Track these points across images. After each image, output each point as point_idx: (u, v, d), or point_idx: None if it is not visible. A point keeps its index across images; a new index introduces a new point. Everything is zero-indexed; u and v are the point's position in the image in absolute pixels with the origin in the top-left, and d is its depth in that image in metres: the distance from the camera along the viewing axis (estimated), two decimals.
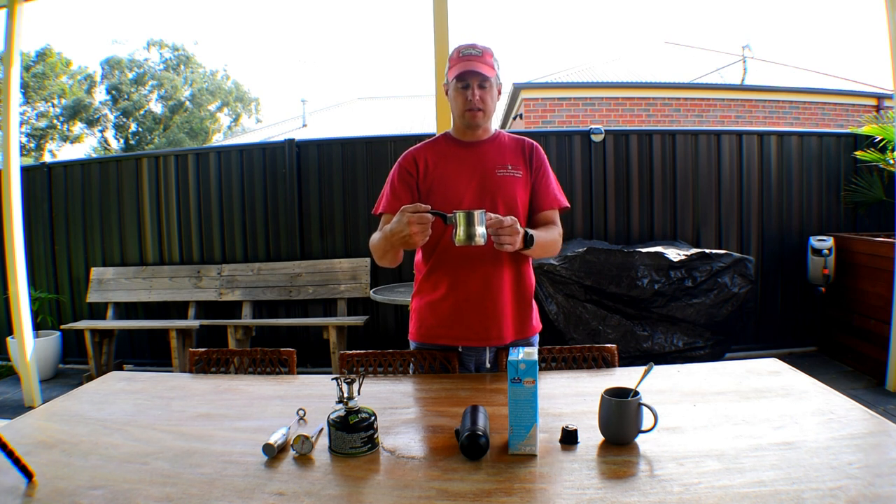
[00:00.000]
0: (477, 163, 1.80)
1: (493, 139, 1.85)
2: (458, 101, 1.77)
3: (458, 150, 1.83)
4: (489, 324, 1.77)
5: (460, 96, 1.75)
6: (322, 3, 75.27)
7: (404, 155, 1.86)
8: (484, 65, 1.71)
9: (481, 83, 1.73)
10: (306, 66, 68.58)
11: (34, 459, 1.19)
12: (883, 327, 3.84)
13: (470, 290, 1.76)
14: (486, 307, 1.76)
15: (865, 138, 4.63)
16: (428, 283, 1.83)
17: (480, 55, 1.73)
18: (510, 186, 1.78)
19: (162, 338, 4.75)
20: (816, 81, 10.93)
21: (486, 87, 1.74)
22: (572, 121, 9.56)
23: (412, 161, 1.82)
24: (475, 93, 1.72)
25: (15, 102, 3.95)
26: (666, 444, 1.22)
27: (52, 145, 25.39)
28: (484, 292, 1.76)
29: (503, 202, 1.76)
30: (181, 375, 1.89)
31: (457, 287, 1.77)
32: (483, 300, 1.76)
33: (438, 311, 1.80)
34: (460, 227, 1.50)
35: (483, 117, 1.77)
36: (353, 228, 4.77)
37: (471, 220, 1.50)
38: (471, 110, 1.74)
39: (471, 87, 1.72)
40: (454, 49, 1.78)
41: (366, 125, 14.26)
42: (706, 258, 3.92)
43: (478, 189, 1.77)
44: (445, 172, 1.79)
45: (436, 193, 1.78)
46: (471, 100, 1.73)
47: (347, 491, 1.10)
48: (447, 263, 1.78)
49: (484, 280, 1.75)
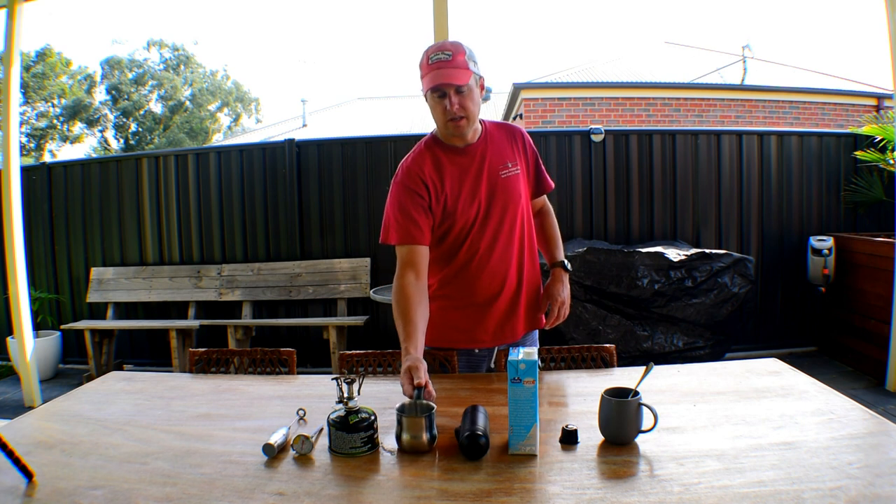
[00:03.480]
0: (481, 170, 1.71)
1: (484, 138, 1.74)
2: (437, 112, 1.63)
3: (456, 159, 1.71)
4: (505, 324, 1.78)
5: (438, 106, 1.61)
6: (322, 3, 75.27)
7: (405, 174, 1.69)
8: (456, 69, 1.57)
9: (458, 89, 1.58)
10: (306, 66, 68.61)
11: (34, 459, 1.19)
12: (883, 327, 3.84)
13: (487, 296, 1.75)
14: (503, 310, 1.76)
15: (865, 138, 4.63)
16: (441, 292, 1.78)
17: (450, 59, 1.57)
18: (515, 187, 1.74)
19: (162, 338, 4.75)
20: (816, 81, 10.92)
21: (465, 92, 1.59)
22: (572, 121, 9.56)
23: (419, 181, 1.67)
24: (453, 101, 1.58)
25: (15, 102, 3.95)
26: (666, 444, 1.22)
27: (52, 145, 25.41)
28: (500, 296, 1.75)
29: (514, 205, 1.73)
30: (181, 375, 1.89)
31: (474, 295, 1.74)
32: (499, 304, 1.76)
33: (454, 318, 1.77)
34: (405, 432, 1.25)
35: (468, 124, 1.64)
36: (353, 228, 4.77)
37: (418, 424, 1.25)
38: (453, 120, 1.61)
39: (447, 95, 1.58)
40: (423, 53, 1.62)
41: (366, 125, 14.27)
42: (706, 258, 3.92)
43: (488, 198, 1.70)
44: (455, 188, 1.69)
45: (454, 213, 1.68)
46: (450, 109, 1.59)
47: (347, 491, 1.10)
48: (463, 275, 1.74)
49: (500, 285, 1.75)
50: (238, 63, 61.86)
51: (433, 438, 1.25)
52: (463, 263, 1.72)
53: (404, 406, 1.30)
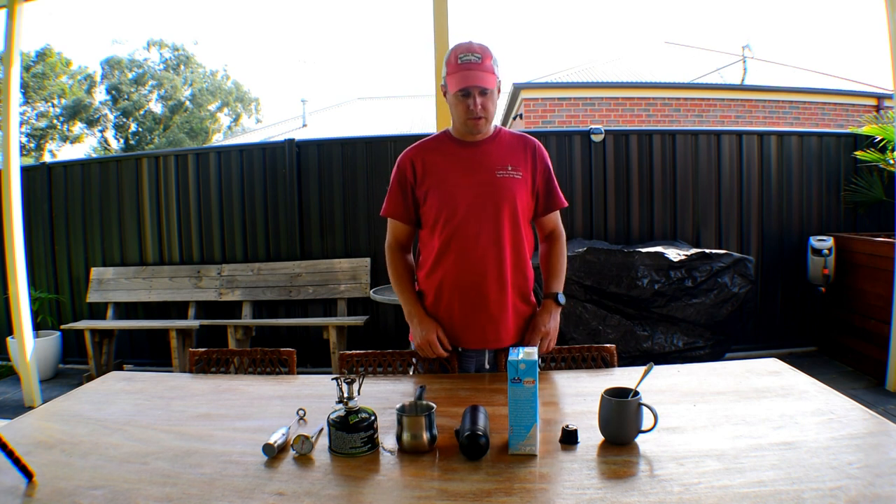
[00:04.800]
0: (477, 164, 1.76)
1: (493, 138, 1.81)
2: (458, 110, 1.72)
3: (457, 150, 1.79)
4: (489, 328, 1.77)
5: (461, 104, 1.70)
6: (322, 3, 75.29)
7: (402, 156, 1.83)
8: (485, 73, 1.66)
9: (483, 91, 1.68)
10: (306, 66, 68.58)
11: (34, 459, 1.19)
12: (883, 327, 3.84)
13: (468, 287, 1.75)
14: (488, 311, 1.76)
15: (865, 138, 4.63)
16: (427, 281, 1.82)
17: (480, 61, 1.66)
18: (510, 188, 1.75)
19: (162, 338, 4.75)
20: (816, 81, 10.92)
21: (488, 94, 1.69)
22: (572, 121, 9.56)
23: (409, 164, 1.81)
24: (476, 101, 1.68)
25: (15, 102, 3.95)
26: (666, 444, 1.22)
27: (52, 145, 25.41)
28: (483, 294, 1.75)
29: (504, 204, 1.74)
30: (181, 375, 1.89)
31: (463, 293, 1.76)
32: (484, 303, 1.75)
33: (443, 317, 1.79)
34: (406, 432, 1.25)
35: (485, 124, 1.74)
36: (353, 228, 4.77)
37: (418, 424, 1.25)
38: (473, 118, 1.71)
39: (472, 95, 1.68)
40: (451, 51, 1.72)
41: (366, 125, 14.26)
42: (706, 258, 3.92)
43: (476, 191, 1.74)
44: (443, 175, 1.76)
45: (432, 197, 1.76)
46: (472, 109, 1.69)
47: (347, 491, 1.10)
48: (445, 260, 1.76)
49: (481, 278, 1.75)
50: (238, 63, 61.86)
51: (433, 438, 1.25)
52: (445, 248, 1.76)
53: (404, 406, 1.30)
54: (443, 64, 1.76)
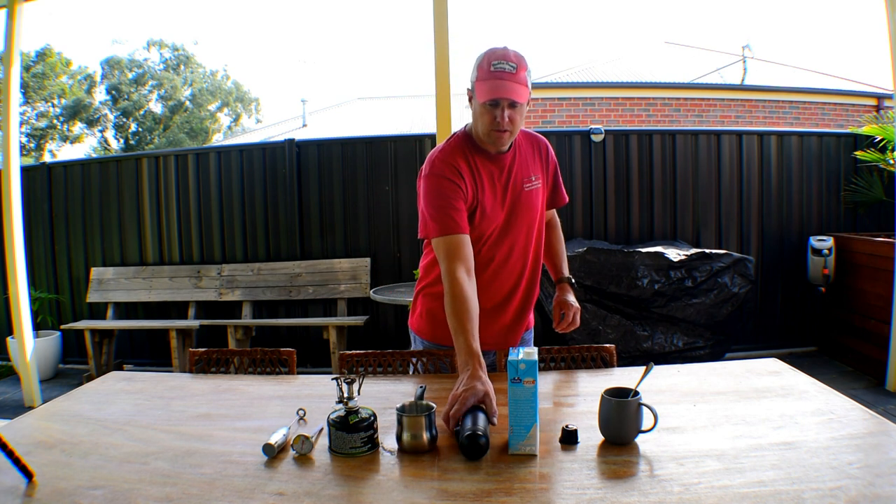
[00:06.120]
0: (507, 180, 1.68)
1: (515, 148, 1.72)
2: (484, 120, 1.58)
3: (488, 165, 1.67)
4: (507, 333, 1.80)
5: (488, 115, 1.56)
6: (322, 3, 75.28)
7: (441, 163, 1.63)
8: (518, 85, 1.53)
9: (513, 103, 1.55)
10: (306, 66, 68.53)
11: (34, 459, 1.19)
12: (883, 327, 3.84)
13: (495, 304, 1.75)
14: (508, 319, 1.78)
15: (865, 138, 4.63)
16: None
17: (515, 72, 1.53)
18: (535, 201, 1.73)
19: (162, 338, 4.75)
20: (816, 81, 10.92)
21: (517, 108, 1.56)
22: (572, 121, 9.56)
23: (455, 171, 1.61)
24: (505, 114, 1.55)
25: (15, 102, 3.95)
26: (666, 444, 1.22)
27: (52, 145, 25.40)
28: (507, 306, 1.77)
29: (534, 222, 1.74)
30: (181, 375, 1.89)
31: (482, 301, 1.69)
32: (506, 313, 1.77)
33: None
34: (406, 432, 1.25)
35: (509, 137, 1.61)
36: (353, 228, 4.77)
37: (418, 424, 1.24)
38: (498, 131, 1.57)
39: (500, 106, 1.54)
40: (484, 56, 1.57)
41: (366, 125, 14.24)
42: (706, 258, 3.92)
43: (510, 210, 1.69)
44: (483, 192, 1.65)
45: (478, 218, 1.65)
46: (499, 121, 1.55)
47: (347, 491, 1.10)
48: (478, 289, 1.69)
49: (509, 295, 1.76)
50: (238, 63, 61.80)
51: (433, 438, 1.25)
52: (477, 271, 1.66)
53: (404, 406, 1.30)
54: (473, 66, 1.61)
